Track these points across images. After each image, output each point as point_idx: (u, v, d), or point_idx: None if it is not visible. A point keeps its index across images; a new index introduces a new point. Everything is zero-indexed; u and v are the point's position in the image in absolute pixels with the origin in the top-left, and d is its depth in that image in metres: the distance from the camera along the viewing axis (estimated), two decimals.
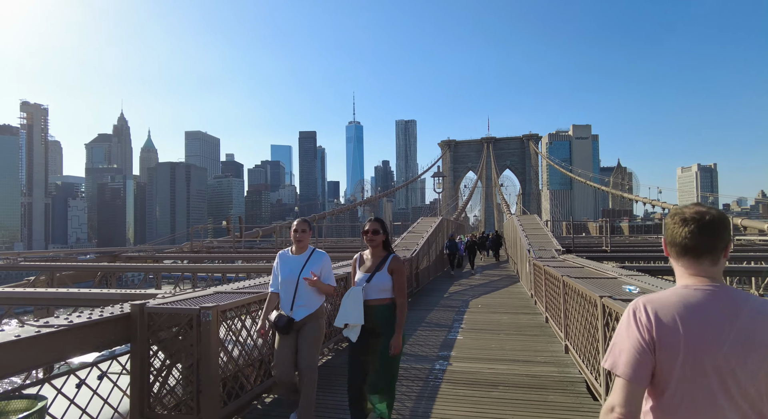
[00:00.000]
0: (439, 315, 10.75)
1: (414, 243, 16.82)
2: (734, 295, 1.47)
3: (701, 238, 1.49)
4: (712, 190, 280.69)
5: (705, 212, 1.53)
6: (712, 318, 1.42)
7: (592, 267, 9.18)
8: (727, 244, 1.53)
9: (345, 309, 3.86)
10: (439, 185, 31.06)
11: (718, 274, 1.52)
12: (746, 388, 1.37)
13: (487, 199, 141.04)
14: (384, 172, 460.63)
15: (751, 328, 1.40)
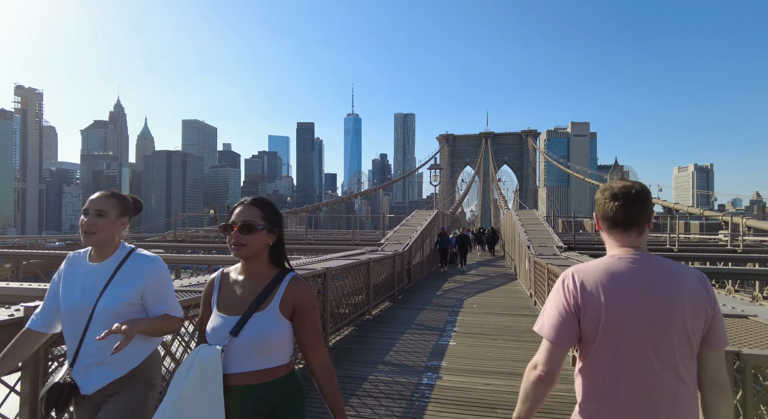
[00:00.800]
0: (431, 316, 9.82)
1: (407, 237, 15.89)
2: (655, 263, 1.60)
3: (630, 212, 1.62)
4: (708, 189, 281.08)
5: (631, 186, 1.66)
6: (632, 285, 1.55)
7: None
8: (650, 216, 1.66)
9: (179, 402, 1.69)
10: (435, 177, 30.04)
11: (642, 244, 1.65)
12: (661, 350, 1.52)
13: (484, 194, 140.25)
14: (382, 166, 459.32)
15: (667, 294, 1.53)
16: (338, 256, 10.45)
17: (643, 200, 1.65)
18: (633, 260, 1.59)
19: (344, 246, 19.42)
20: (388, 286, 11.75)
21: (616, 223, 1.65)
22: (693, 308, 1.53)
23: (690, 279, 1.57)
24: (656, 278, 1.56)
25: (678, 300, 1.52)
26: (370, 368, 6.01)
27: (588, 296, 1.55)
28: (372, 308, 9.97)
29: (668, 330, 1.51)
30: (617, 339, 1.53)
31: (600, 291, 1.55)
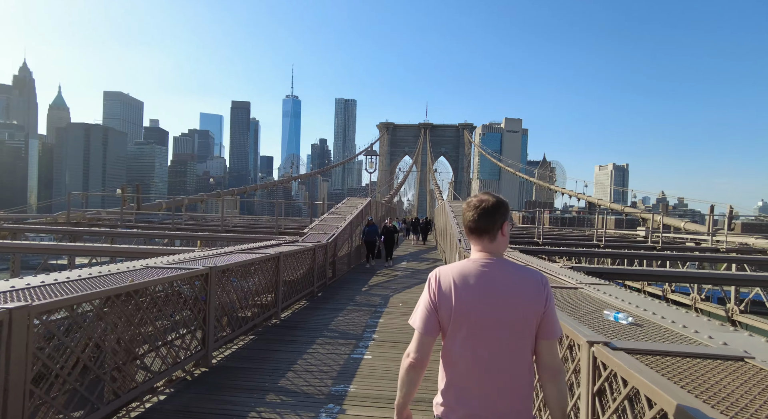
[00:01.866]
0: (350, 319, 8.62)
1: (334, 226, 14.56)
2: (503, 267, 1.90)
3: (480, 221, 1.92)
4: (624, 186, 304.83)
5: (485, 200, 1.95)
6: (479, 284, 1.85)
7: (535, 265, 7.48)
8: (502, 225, 1.94)
9: None
10: (371, 164, 28.86)
11: (495, 248, 1.94)
12: (501, 338, 1.82)
13: (421, 184, 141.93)
14: (321, 151, 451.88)
15: (508, 293, 1.83)
16: (244, 249, 8.91)
17: (495, 213, 1.93)
18: (484, 264, 1.90)
19: (266, 235, 17.74)
20: (306, 283, 10.40)
21: (472, 231, 1.97)
22: (529, 305, 1.84)
23: (529, 281, 1.89)
24: (501, 279, 1.87)
25: (517, 299, 1.84)
26: (255, 399, 4.66)
27: (443, 293, 1.88)
28: (282, 310, 8.59)
29: (507, 322, 1.83)
30: (465, 329, 1.85)
31: (452, 289, 1.86)
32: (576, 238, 22.95)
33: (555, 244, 18.26)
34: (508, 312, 1.82)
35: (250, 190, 42.26)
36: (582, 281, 5.61)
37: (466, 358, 1.84)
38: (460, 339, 1.84)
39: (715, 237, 19.12)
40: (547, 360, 1.88)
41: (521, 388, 1.86)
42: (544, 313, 1.85)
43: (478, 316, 1.83)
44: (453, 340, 1.86)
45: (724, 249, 17.20)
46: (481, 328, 1.83)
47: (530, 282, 1.88)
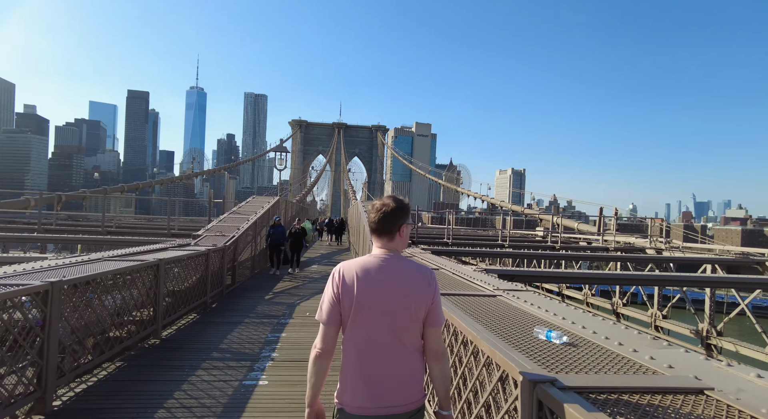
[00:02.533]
0: (247, 334, 7.57)
1: (234, 228, 13.18)
2: (398, 262, 2.12)
3: (381, 223, 2.16)
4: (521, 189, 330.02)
5: (386, 204, 2.20)
6: (377, 277, 2.05)
7: (449, 269, 7.10)
8: (401, 227, 2.18)
9: None
10: (280, 161, 27.40)
11: (394, 246, 2.18)
12: (393, 325, 2.03)
13: (335, 184, 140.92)
14: (228, 146, 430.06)
15: (401, 285, 2.06)
16: (117, 256, 7.44)
17: (395, 216, 2.17)
18: (383, 259, 2.12)
19: (157, 238, 15.74)
20: (197, 293, 9.07)
21: (373, 231, 2.19)
22: (418, 297, 2.08)
23: (419, 276, 2.13)
24: (396, 273, 2.09)
25: (409, 290, 2.07)
26: None
27: (345, 286, 2.06)
28: (163, 327, 7.28)
29: (401, 312, 2.04)
30: (363, 317, 2.03)
31: (354, 282, 2.05)
32: (482, 238, 23.69)
33: (464, 244, 18.53)
34: (402, 303, 2.04)
35: (144, 186, 37.96)
36: (499, 287, 5.24)
37: (363, 345, 2.03)
38: (358, 328, 2.04)
39: (603, 237, 20.75)
40: (433, 344, 2.14)
41: (413, 371, 2.09)
42: (432, 304, 2.10)
43: (374, 306, 2.03)
44: (352, 329, 2.04)
45: (612, 247, 18.66)
46: (376, 317, 2.03)
47: (421, 276, 2.12)
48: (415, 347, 2.10)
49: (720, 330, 15.31)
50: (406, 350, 2.06)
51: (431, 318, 2.10)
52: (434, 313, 2.12)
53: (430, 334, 2.12)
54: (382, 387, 2.02)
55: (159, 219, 32.08)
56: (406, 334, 2.06)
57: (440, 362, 2.16)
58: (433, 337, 2.13)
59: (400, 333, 2.05)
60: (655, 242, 18.49)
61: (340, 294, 2.04)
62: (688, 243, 21.99)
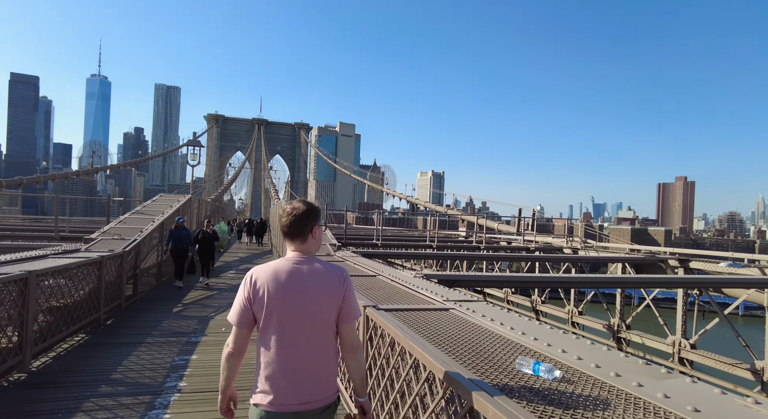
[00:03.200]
0: (149, 357, 6.32)
1: (136, 230, 11.48)
2: (311, 264, 2.20)
3: (293, 226, 2.22)
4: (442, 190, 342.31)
5: (297, 207, 2.26)
6: (290, 279, 2.12)
7: (387, 276, 6.46)
8: (312, 229, 2.26)
9: None
10: (194, 157, 25.17)
11: (307, 249, 2.25)
12: (307, 324, 2.11)
13: (256, 183, 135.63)
14: (136, 141, 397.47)
15: (314, 285, 2.14)
16: None
17: (306, 218, 2.24)
18: (296, 261, 2.19)
19: (40, 241, 13.40)
20: (87, 309, 7.54)
21: (286, 234, 2.25)
22: (331, 295, 2.17)
23: (331, 275, 2.20)
24: (308, 274, 2.16)
25: (321, 290, 2.14)
26: None
27: (257, 289, 2.12)
28: (35, 356, 5.82)
29: (313, 310, 2.12)
30: (276, 319, 2.09)
31: (266, 285, 2.11)
32: (410, 239, 23.55)
33: (393, 246, 18.12)
34: (315, 302, 2.14)
35: (30, 182, 32.94)
36: (449, 298, 4.67)
37: (277, 345, 2.10)
38: (272, 329, 2.11)
39: (524, 237, 21.48)
40: (348, 339, 2.26)
41: (326, 367, 2.19)
42: (344, 301, 2.22)
43: (287, 307, 2.11)
44: (266, 330, 2.12)
45: (533, 247, 19.31)
46: (290, 317, 2.12)
47: (333, 276, 2.22)
48: (329, 344, 2.20)
49: (629, 324, 16.36)
50: (321, 347, 2.16)
51: (345, 314, 2.21)
52: (347, 310, 2.22)
53: (344, 330, 2.24)
54: (299, 384, 2.11)
55: (49, 220, 28.03)
56: (321, 332, 2.16)
57: (356, 355, 2.28)
58: (347, 332, 2.25)
59: (315, 331, 2.14)
60: (571, 242, 19.47)
61: (252, 298, 2.12)
62: (590, 240, 23.55)
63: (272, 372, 2.09)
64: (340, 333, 2.24)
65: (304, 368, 2.11)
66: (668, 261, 14.67)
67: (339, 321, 2.20)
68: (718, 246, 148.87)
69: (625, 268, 16.44)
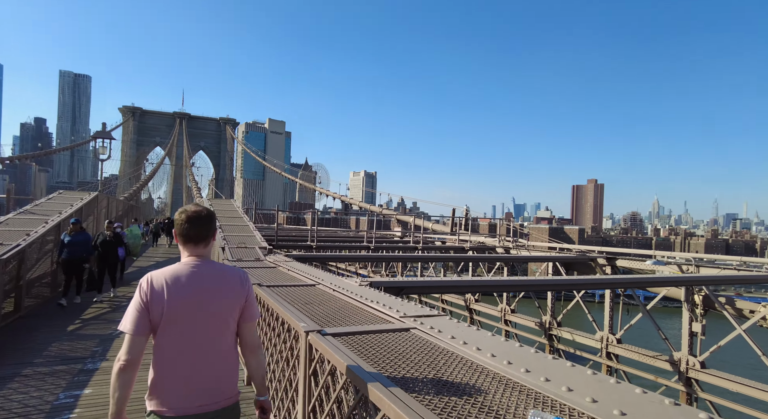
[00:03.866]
0: (22, 396, 4.96)
1: (21, 234, 9.60)
2: (210, 267, 2.23)
3: (199, 230, 2.23)
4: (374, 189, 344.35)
5: (198, 211, 2.26)
6: (189, 283, 2.13)
7: (328, 284, 5.65)
8: (214, 232, 2.31)
9: None
10: (103, 150, 22.48)
11: (207, 252, 2.28)
12: (208, 327, 2.13)
13: (177, 180, 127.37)
14: (37, 133, 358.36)
15: (213, 288, 2.17)
16: None
17: (209, 222, 2.28)
18: (194, 265, 2.20)
19: None
20: None
21: (188, 238, 2.23)
22: (232, 298, 2.21)
23: (232, 277, 2.26)
24: (207, 278, 2.18)
25: (222, 293, 2.19)
26: None
27: (155, 294, 2.08)
28: None
29: (214, 313, 2.14)
30: (175, 324, 2.07)
31: (164, 290, 2.09)
32: (346, 239, 22.74)
33: (328, 248, 17.24)
34: (215, 305, 2.16)
35: None
36: (405, 313, 3.97)
37: (176, 350, 2.07)
38: (170, 334, 2.07)
39: (459, 237, 21.53)
40: (249, 339, 2.30)
41: (230, 368, 2.21)
42: (245, 302, 2.26)
43: (188, 311, 2.09)
44: (164, 336, 2.07)
45: (467, 247, 19.33)
46: (190, 321, 2.10)
47: (234, 278, 2.27)
48: (230, 345, 2.23)
49: (559, 321, 16.81)
50: (222, 349, 2.18)
51: (247, 315, 2.28)
52: (248, 310, 2.28)
53: (245, 330, 2.28)
54: (199, 387, 2.10)
55: None
56: (222, 334, 2.18)
57: (256, 355, 2.34)
58: (248, 332, 2.30)
59: (216, 334, 2.16)
60: (503, 241, 19.79)
61: (149, 303, 2.07)
62: (521, 239, 24.29)
63: (170, 378, 2.08)
64: (241, 334, 2.29)
65: (204, 371, 2.12)
66: (597, 259, 15.19)
67: (241, 321, 2.26)
68: (623, 243, 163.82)
69: (556, 267, 16.89)
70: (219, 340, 2.15)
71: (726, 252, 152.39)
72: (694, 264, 12.40)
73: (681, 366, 12.65)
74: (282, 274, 7.15)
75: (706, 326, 12.35)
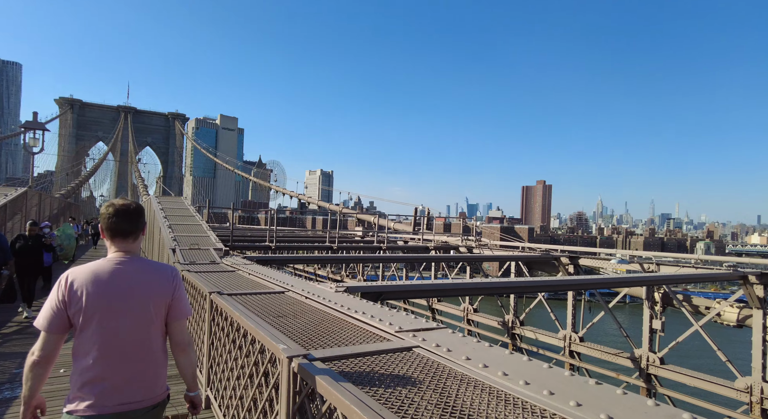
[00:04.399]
0: None
1: None
2: (137, 263, 2.19)
3: (125, 223, 2.17)
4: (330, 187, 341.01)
5: (128, 204, 2.22)
6: (112, 280, 2.08)
7: (300, 291, 4.98)
8: (143, 227, 2.27)
9: None
10: (34, 142, 20.40)
11: (135, 248, 2.23)
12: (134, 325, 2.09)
13: (121, 177, 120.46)
14: None
15: (139, 285, 2.14)
16: None
17: (137, 215, 2.22)
18: (119, 262, 2.14)
19: None
20: None
21: (116, 233, 2.17)
22: (158, 295, 2.16)
23: (159, 274, 2.21)
24: (133, 274, 2.13)
25: (147, 290, 2.13)
26: None
27: (73, 292, 2.02)
28: None
29: (137, 310, 2.09)
30: (96, 321, 2.01)
31: (84, 286, 2.03)
32: (305, 239, 21.85)
33: (288, 248, 16.37)
34: (140, 302, 2.11)
35: None
36: (401, 326, 3.38)
37: (97, 348, 2.01)
38: (90, 331, 2.02)
39: (423, 236, 21.24)
40: (178, 337, 2.26)
41: (151, 367, 2.15)
42: (174, 299, 2.22)
43: (110, 308, 2.04)
44: (85, 334, 2.02)
45: (431, 246, 19.05)
46: (112, 319, 2.04)
47: (162, 275, 2.22)
48: (157, 344, 2.18)
49: (522, 320, 16.83)
50: (147, 347, 2.13)
51: (176, 312, 2.23)
52: (177, 307, 2.24)
53: (174, 328, 2.25)
54: (121, 385, 2.04)
55: None
56: (147, 332, 2.13)
57: (187, 352, 2.32)
58: (177, 330, 2.26)
59: (139, 332, 2.11)
60: (465, 241, 19.66)
61: (67, 301, 2.02)
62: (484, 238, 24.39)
63: (91, 376, 2.03)
64: (170, 332, 2.25)
65: (125, 369, 2.07)
66: (560, 258, 15.27)
67: (169, 319, 2.23)
68: (570, 241, 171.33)
69: (519, 266, 16.89)
70: (143, 338, 2.12)
71: (661, 249, 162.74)
72: (654, 263, 12.64)
73: (642, 363, 12.88)
74: (243, 279, 6.39)
75: (665, 323, 12.65)
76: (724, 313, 11.78)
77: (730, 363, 11.43)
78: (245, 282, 6.13)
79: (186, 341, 2.28)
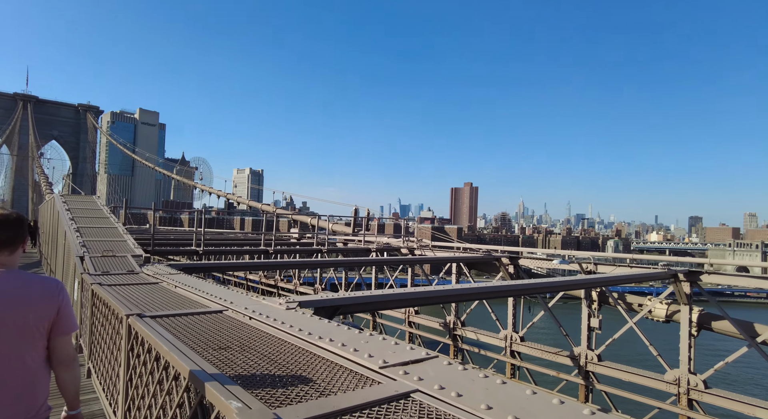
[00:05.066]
0: None
1: None
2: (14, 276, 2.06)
3: (5, 235, 2.05)
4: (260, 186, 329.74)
5: (7, 214, 2.11)
6: None
7: (242, 310, 4.14)
8: (24, 239, 2.15)
9: None
10: None
11: (13, 261, 2.11)
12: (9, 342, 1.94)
13: (20, 174, 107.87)
14: None
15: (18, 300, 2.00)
16: None
17: (21, 226, 2.11)
18: None
19: None
20: None
21: None
22: (40, 309, 2.03)
23: (40, 287, 2.09)
24: (8, 288, 1.99)
25: (27, 305, 2.00)
26: None
27: None
28: None
29: (16, 327, 1.94)
30: None
31: None
32: (236, 242, 20.33)
33: (218, 253, 14.99)
34: (18, 317, 1.98)
35: None
36: (385, 360, 2.70)
37: None
38: None
39: (365, 238, 20.64)
40: (63, 353, 2.16)
41: (29, 385, 2.02)
42: (59, 314, 2.11)
43: None
44: None
45: (374, 248, 18.51)
46: None
47: (41, 289, 2.10)
48: (36, 361, 2.06)
49: (463, 320, 16.76)
50: (23, 365, 2.00)
51: (61, 328, 2.12)
52: (61, 323, 2.13)
53: (59, 343, 2.15)
54: None
55: None
56: (23, 349, 2.01)
57: (71, 369, 2.22)
58: (61, 346, 2.16)
59: (14, 348, 1.98)
60: (407, 242, 19.36)
61: None
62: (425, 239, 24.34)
63: None
64: (52, 348, 2.16)
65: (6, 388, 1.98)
66: (501, 258, 15.35)
67: (53, 334, 2.14)
68: (495, 240, 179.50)
69: (460, 267, 16.83)
70: (18, 355, 2.01)
71: (577, 247, 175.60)
72: (593, 263, 13.01)
73: (581, 361, 13.21)
74: (169, 294, 5.37)
75: (602, 321, 13.08)
76: (655, 310, 12.34)
77: (660, 358, 11.97)
78: (172, 297, 5.12)
79: (71, 357, 2.20)
